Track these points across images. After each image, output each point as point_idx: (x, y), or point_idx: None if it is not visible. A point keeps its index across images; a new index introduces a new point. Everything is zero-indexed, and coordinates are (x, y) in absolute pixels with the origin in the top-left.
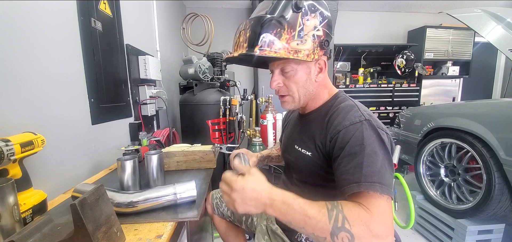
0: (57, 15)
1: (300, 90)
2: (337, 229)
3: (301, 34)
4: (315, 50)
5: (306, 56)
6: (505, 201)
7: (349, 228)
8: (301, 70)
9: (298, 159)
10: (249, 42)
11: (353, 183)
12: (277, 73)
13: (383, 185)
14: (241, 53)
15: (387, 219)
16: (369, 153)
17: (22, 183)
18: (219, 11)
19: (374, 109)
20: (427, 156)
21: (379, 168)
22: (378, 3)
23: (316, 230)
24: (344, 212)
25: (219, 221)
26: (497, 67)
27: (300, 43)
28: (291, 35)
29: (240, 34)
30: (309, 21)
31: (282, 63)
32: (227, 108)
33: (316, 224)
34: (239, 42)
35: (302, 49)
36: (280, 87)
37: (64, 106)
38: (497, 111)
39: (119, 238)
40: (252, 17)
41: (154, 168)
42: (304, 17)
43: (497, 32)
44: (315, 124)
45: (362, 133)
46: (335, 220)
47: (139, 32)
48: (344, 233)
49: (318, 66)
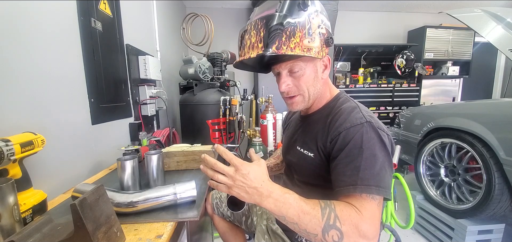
0: (57, 15)
1: (310, 89)
2: (329, 226)
3: (310, 32)
4: (322, 47)
5: (317, 54)
6: (505, 201)
7: (339, 226)
8: (308, 68)
9: (300, 160)
10: (265, 42)
11: (349, 185)
12: (285, 74)
13: (380, 187)
14: (259, 53)
15: (376, 222)
16: (368, 156)
17: (22, 183)
18: (219, 11)
19: (374, 110)
20: (427, 156)
21: (378, 171)
22: (378, 3)
23: (309, 226)
24: (336, 211)
25: (219, 221)
26: (497, 67)
27: (311, 41)
28: (303, 33)
29: (250, 35)
30: (314, 20)
31: (290, 64)
32: (227, 108)
33: (309, 220)
34: (252, 44)
35: (313, 46)
36: (290, 88)
37: (64, 106)
38: (497, 111)
39: (119, 238)
40: (262, 16)
41: (154, 168)
42: (310, 15)
43: (497, 32)
44: (318, 125)
45: (362, 136)
46: (327, 218)
47: (139, 32)
48: (335, 230)
49: (323, 63)
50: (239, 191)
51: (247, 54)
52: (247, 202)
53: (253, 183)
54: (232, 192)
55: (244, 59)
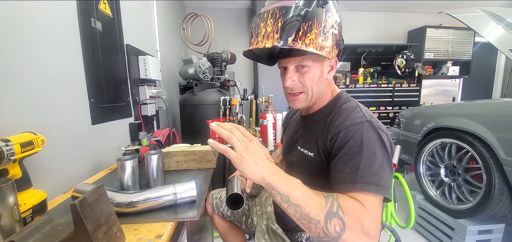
0: (57, 15)
1: (314, 88)
2: (332, 213)
3: (325, 31)
4: (333, 48)
5: (328, 53)
6: (505, 201)
7: (342, 216)
8: (315, 67)
9: (300, 160)
10: (282, 33)
11: (348, 182)
12: (292, 70)
13: (379, 186)
14: (274, 44)
15: (379, 220)
16: (367, 154)
17: (22, 183)
18: (219, 11)
19: (374, 109)
20: (427, 156)
21: (377, 170)
22: (378, 3)
23: (313, 210)
24: (339, 201)
25: (219, 221)
26: (497, 67)
27: (324, 39)
28: (319, 30)
29: (266, 23)
30: (330, 18)
31: (299, 60)
32: (227, 108)
33: (313, 204)
34: (267, 33)
35: (325, 46)
36: (295, 84)
37: (64, 106)
38: (497, 111)
39: (119, 238)
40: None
41: (154, 168)
42: (327, 13)
43: (497, 32)
44: (318, 125)
45: (362, 134)
46: (331, 205)
47: (139, 32)
48: (337, 219)
49: (330, 64)
50: (249, 159)
51: (261, 43)
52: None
53: (264, 156)
54: (242, 162)
55: (257, 48)
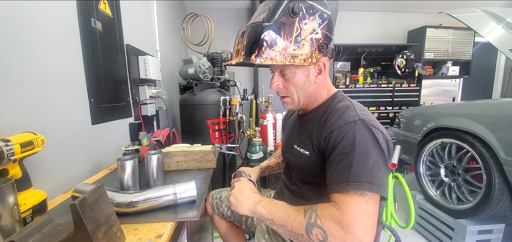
0: (57, 15)
1: (299, 92)
2: (311, 225)
3: (299, 39)
4: (313, 54)
5: (303, 61)
6: (505, 201)
7: (320, 225)
8: (299, 73)
9: (297, 159)
10: (246, 51)
11: (342, 182)
12: (276, 75)
13: (373, 184)
14: (239, 61)
15: (363, 218)
16: (360, 153)
17: (22, 183)
18: (219, 11)
19: (374, 109)
20: (427, 156)
21: (371, 168)
22: (378, 3)
23: (294, 226)
24: (317, 211)
25: (219, 221)
26: (497, 67)
27: (297, 48)
28: (288, 41)
29: (238, 41)
30: (307, 25)
31: (281, 66)
32: (227, 108)
33: (293, 220)
34: (238, 50)
35: (299, 54)
36: (280, 89)
37: (64, 106)
38: (497, 111)
39: (119, 238)
40: (250, 23)
41: (154, 168)
42: (301, 21)
43: (497, 32)
44: (313, 123)
45: (355, 133)
46: (309, 217)
47: (139, 32)
48: (317, 229)
49: (318, 68)
50: (236, 195)
51: (234, 60)
52: (242, 209)
53: (248, 190)
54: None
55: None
